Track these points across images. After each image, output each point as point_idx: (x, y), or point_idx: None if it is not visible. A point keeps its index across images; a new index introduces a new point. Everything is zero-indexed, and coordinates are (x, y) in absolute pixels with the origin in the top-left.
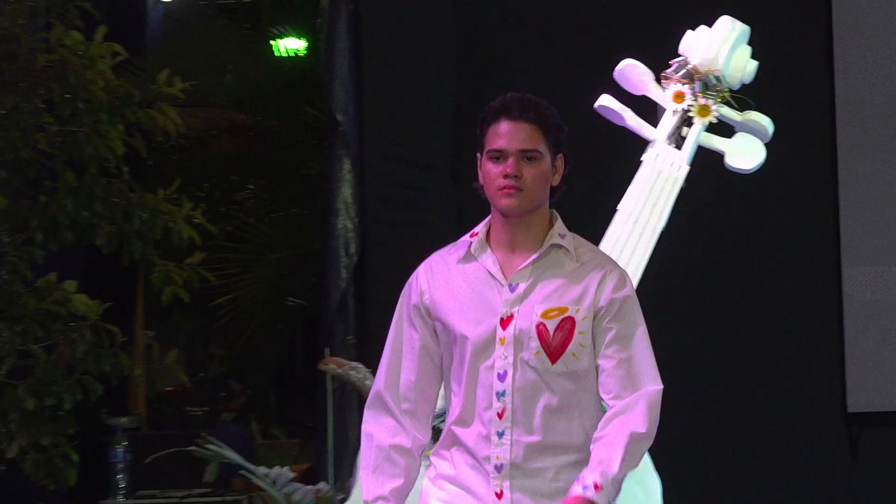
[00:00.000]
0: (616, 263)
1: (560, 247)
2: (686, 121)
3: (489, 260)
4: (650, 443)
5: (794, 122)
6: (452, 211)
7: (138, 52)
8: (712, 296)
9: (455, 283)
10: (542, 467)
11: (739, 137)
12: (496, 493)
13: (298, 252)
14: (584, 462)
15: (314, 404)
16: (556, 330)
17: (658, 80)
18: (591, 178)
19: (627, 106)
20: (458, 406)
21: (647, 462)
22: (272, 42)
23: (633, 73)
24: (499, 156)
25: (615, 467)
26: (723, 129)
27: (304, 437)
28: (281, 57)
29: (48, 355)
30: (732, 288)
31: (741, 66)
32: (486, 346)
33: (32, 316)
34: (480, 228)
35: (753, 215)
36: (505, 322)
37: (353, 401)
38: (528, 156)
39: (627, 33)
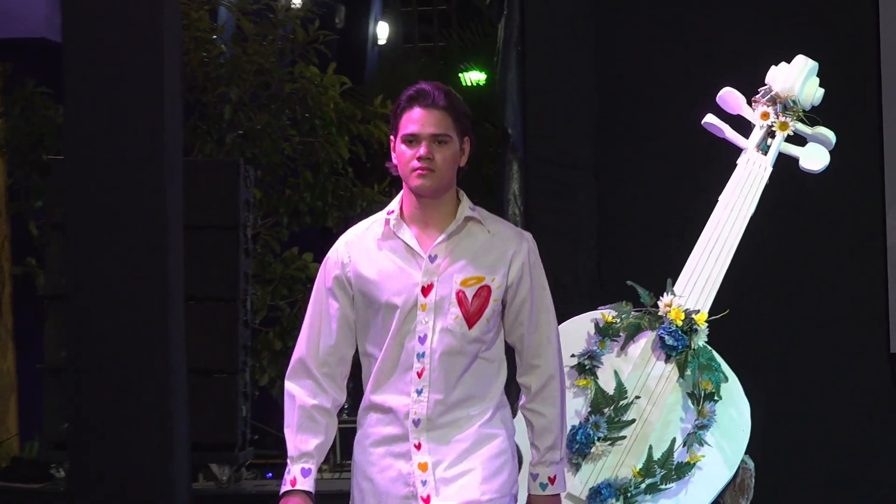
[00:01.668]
0: (522, 233)
1: (472, 219)
2: (770, 133)
3: (407, 234)
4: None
5: (846, 131)
6: (593, 201)
7: (360, 82)
8: (781, 257)
9: (376, 257)
10: (455, 419)
11: (810, 146)
12: (415, 445)
13: None
14: (495, 413)
15: None
16: (473, 297)
17: (749, 103)
18: (700, 176)
19: (726, 122)
20: (377, 370)
21: (739, 389)
22: (460, 75)
23: (730, 97)
24: (412, 140)
25: (559, 454)
26: (797, 140)
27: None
28: (466, 86)
29: (291, 309)
30: (796, 252)
31: (811, 92)
32: (409, 312)
33: (280, 279)
34: (394, 207)
35: (814, 198)
36: (426, 290)
37: None
38: (438, 139)
39: (727, 67)
